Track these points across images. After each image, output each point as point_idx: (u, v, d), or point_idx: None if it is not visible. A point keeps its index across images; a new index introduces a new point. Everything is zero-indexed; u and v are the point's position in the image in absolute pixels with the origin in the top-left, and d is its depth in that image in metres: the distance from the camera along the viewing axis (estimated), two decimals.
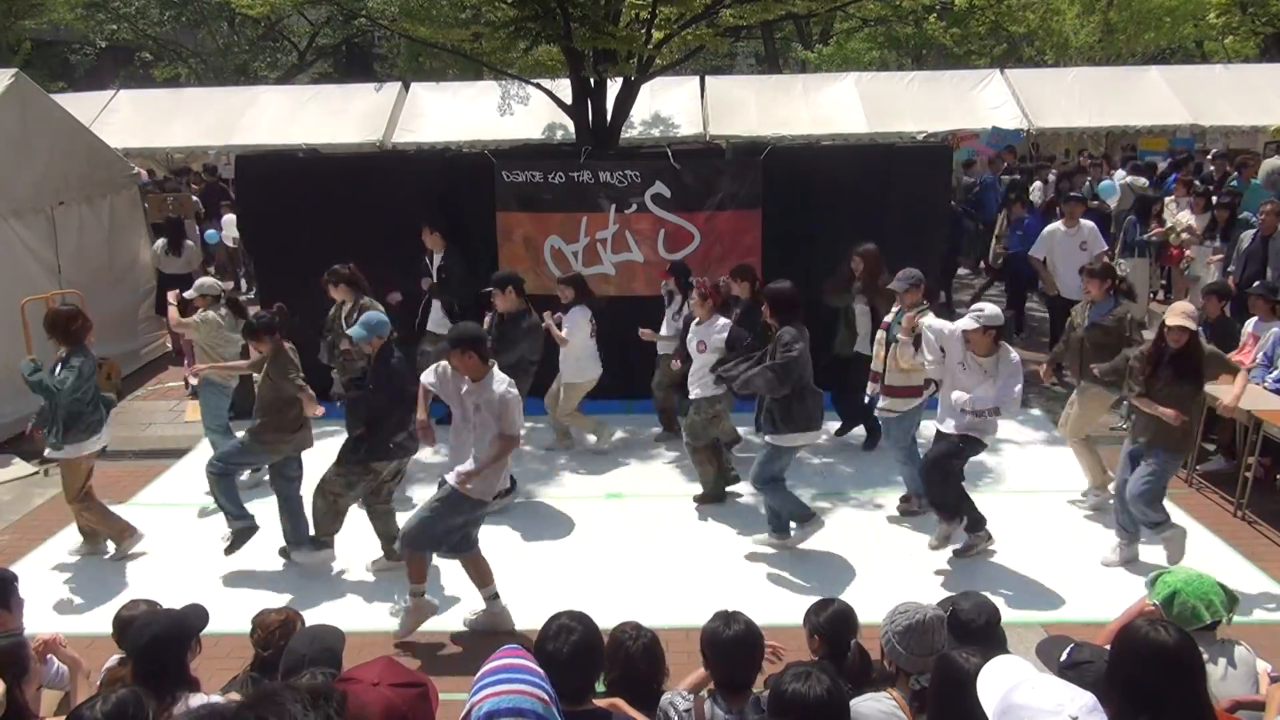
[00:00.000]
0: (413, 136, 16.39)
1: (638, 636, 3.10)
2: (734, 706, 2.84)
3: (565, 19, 9.92)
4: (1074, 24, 22.06)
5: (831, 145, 14.03)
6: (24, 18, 22.73)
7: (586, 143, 10.61)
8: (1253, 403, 6.30)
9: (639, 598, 5.37)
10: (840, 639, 3.24)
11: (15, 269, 8.20)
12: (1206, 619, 3.04)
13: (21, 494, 7.16)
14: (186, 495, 7.08)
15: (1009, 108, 16.30)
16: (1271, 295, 7.12)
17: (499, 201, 8.22)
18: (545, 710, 2.18)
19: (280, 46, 27.79)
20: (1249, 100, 16.27)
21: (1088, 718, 1.97)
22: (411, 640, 5.04)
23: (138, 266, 10.36)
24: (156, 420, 8.66)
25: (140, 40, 24.91)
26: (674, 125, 16.35)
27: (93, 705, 2.48)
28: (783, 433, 5.59)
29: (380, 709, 1.96)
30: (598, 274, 8.10)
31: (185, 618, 3.14)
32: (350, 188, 8.37)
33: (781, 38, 26.63)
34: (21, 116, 8.45)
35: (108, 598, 5.38)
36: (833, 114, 16.47)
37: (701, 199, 8.19)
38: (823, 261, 7.63)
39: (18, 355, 7.71)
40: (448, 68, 22.10)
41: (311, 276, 7.08)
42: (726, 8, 11.08)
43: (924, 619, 2.84)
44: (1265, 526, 6.18)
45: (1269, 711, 2.82)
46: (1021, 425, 8.01)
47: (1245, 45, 22.56)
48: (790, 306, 5.61)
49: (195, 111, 17.09)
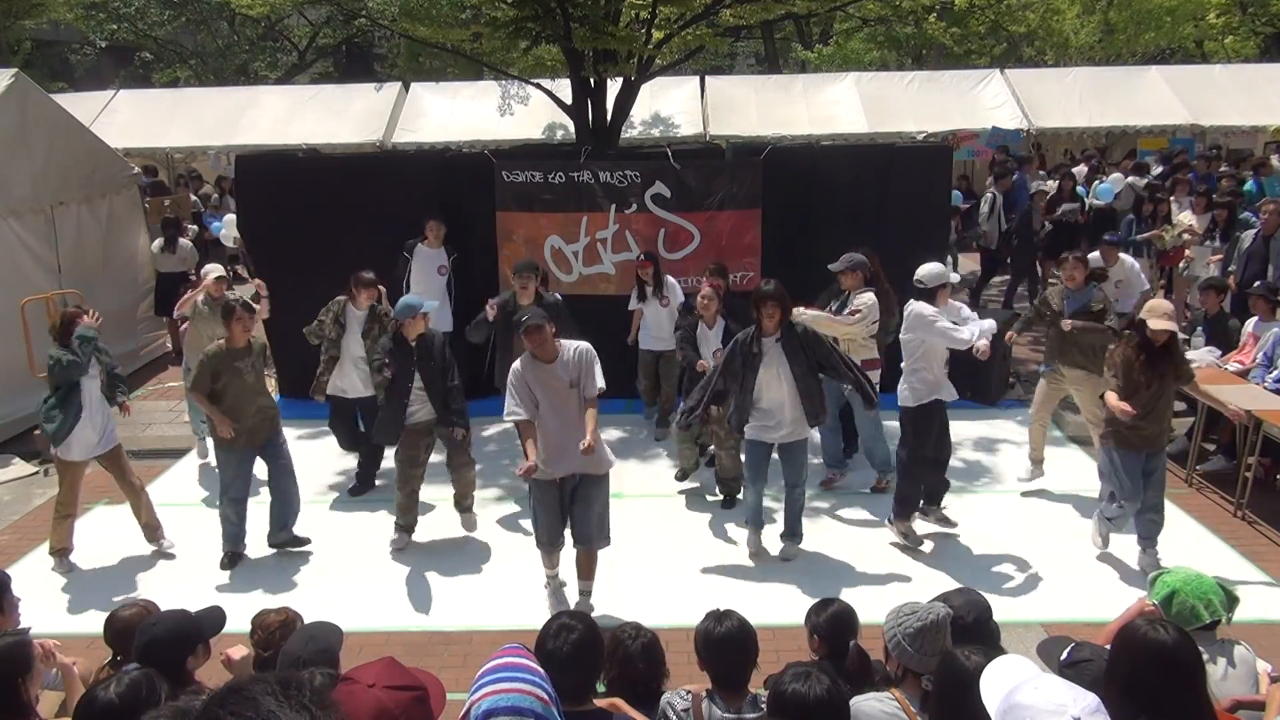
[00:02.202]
0: (413, 136, 16.38)
1: (637, 636, 3.09)
2: (732, 705, 2.84)
3: (565, 19, 9.91)
4: (1074, 24, 22.06)
5: (831, 145, 14.03)
6: (24, 18, 22.68)
7: (586, 143, 10.60)
8: (1253, 402, 6.31)
9: (639, 598, 5.38)
10: (839, 639, 3.23)
11: (15, 269, 8.20)
12: (1206, 619, 3.04)
13: (21, 494, 7.16)
14: (186, 495, 7.09)
15: (1009, 108, 16.29)
16: (1272, 295, 7.12)
17: (499, 201, 8.22)
18: (544, 709, 2.18)
19: (280, 46, 27.77)
20: (1249, 100, 16.26)
21: (1090, 718, 1.97)
22: (412, 640, 5.05)
23: (137, 266, 10.36)
24: (156, 420, 8.66)
25: (140, 40, 24.88)
26: (674, 125, 16.34)
27: (107, 687, 2.48)
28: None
29: (370, 711, 1.94)
30: (598, 274, 8.11)
31: (191, 621, 3.12)
32: (350, 188, 8.37)
33: (781, 38, 26.61)
34: (21, 116, 8.44)
35: (107, 598, 5.38)
36: (833, 114, 16.46)
37: (701, 199, 8.19)
38: (823, 261, 7.63)
39: (18, 355, 7.75)
40: (448, 68, 22.09)
41: (311, 276, 7.09)
42: (726, 8, 11.07)
43: (937, 619, 2.82)
44: (1265, 526, 6.18)
45: (1269, 711, 2.82)
46: (1021, 425, 7.99)
47: (1245, 45, 22.56)
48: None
49: (195, 111, 17.08)
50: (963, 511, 6.46)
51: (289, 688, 1.48)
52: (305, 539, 6.06)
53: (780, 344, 5.45)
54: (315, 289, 7.22)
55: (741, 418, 5.59)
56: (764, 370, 5.46)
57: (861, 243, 7.33)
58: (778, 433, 5.59)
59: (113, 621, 3.41)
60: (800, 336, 5.48)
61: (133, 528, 6.09)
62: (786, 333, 5.45)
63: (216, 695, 1.51)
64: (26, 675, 2.83)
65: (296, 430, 7.20)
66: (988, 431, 7.88)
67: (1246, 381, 6.86)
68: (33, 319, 7.78)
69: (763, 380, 5.49)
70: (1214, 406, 6.18)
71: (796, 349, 5.44)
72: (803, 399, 5.48)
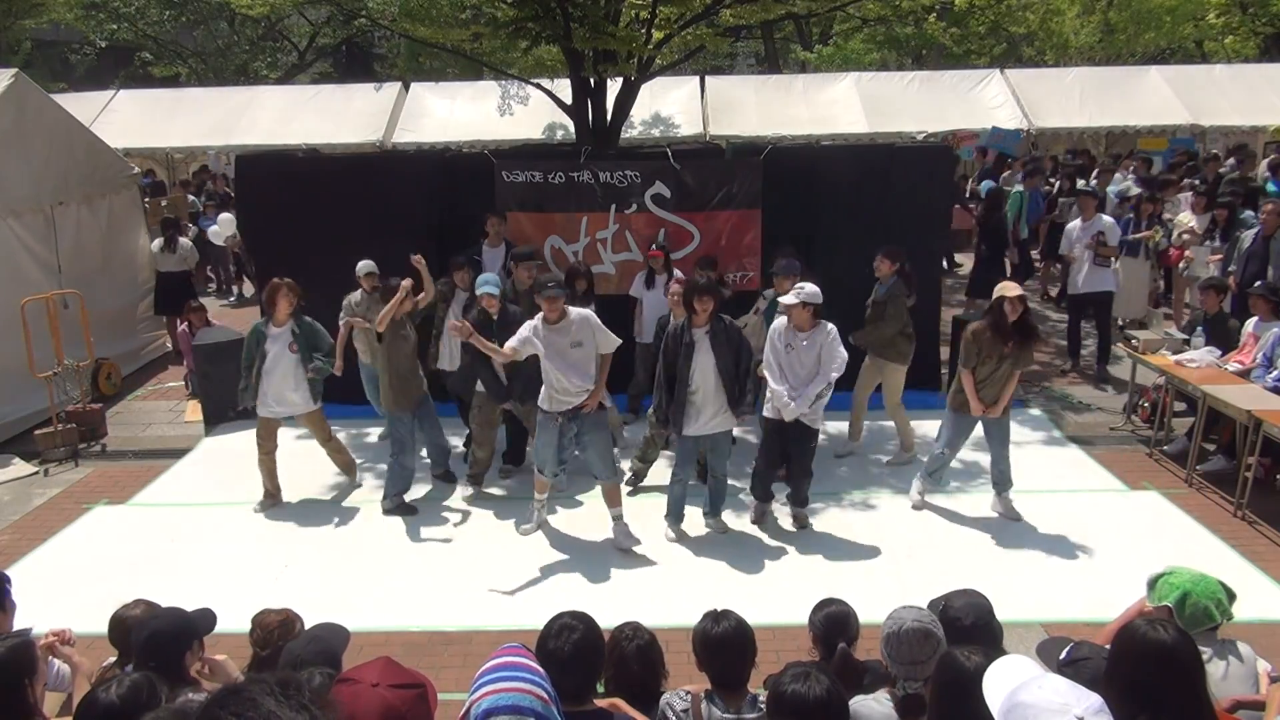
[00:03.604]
0: (413, 136, 16.38)
1: (634, 637, 3.09)
2: (731, 706, 2.84)
3: (565, 19, 9.91)
4: (1074, 24, 22.04)
5: (831, 145, 14.04)
6: (24, 18, 22.67)
7: (586, 143, 10.60)
8: (1252, 402, 6.31)
9: (639, 597, 5.38)
10: (830, 640, 3.22)
11: (15, 269, 8.20)
12: (1217, 618, 3.03)
13: (21, 494, 7.16)
14: (186, 495, 7.08)
15: (1009, 108, 16.30)
16: (1272, 295, 7.11)
17: (499, 201, 8.21)
18: (544, 708, 2.18)
19: (280, 46, 27.75)
20: (1249, 100, 16.26)
21: (1094, 718, 1.96)
22: (412, 640, 5.05)
23: (137, 266, 10.36)
24: (156, 420, 8.66)
25: (140, 40, 24.85)
26: (674, 125, 16.35)
27: (108, 689, 2.48)
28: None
29: (378, 710, 1.96)
30: (598, 273, 8.10)
31: (188, 618, 3.13)
32: (350, 188, 8.37)
33: (781, 38, 26.61)
34: (21, 116, 8.44)
35: (107, 598, 5.36)
36: (833, 114, 16.46)
37: (701, 199, 8.20)
38: (823, 262, 7.64)
39: (18, 355, 7.75)
40: (448, 68, 22.10)
41: (311, 276, 7.08)
42: (726, 8, 11.07)
43: (899, 630, 2.79)
44: (1265, 526, 6.18)
45: (1269, 711, 2.82)
46: (1020, 425, 8.00)
47: (1245, 45, 22.54)
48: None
49: (195, 111, 17.08)
50: (962, 511, 6.47)
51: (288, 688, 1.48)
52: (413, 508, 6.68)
53: (708, 335, 5.79)
54: (315, 289, 7.22)
55: (679, 412, 5.86)
56: (695, 359, 5.80)
57: (862, 242, 7.36)
58: (703, 423, 5.91)
59: (119, 621, 3.40)
60: (726, 331, 5.84)
61: (133, 528, 6.08)
62: (714, 326, 5.81)
63: (216, 696, 1.51)
64: (32, 677, 2.83)
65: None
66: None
67: (1247, 381, 6.85)
68: (33, 319, 7.78)
69: (695, 368, 5.81)
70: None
71: (722, 343, 5.79)
72: (726, 389, 5.83)
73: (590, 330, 5.82)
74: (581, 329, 5.79)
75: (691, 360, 5.78)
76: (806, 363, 5.89)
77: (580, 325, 5.79)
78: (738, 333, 5.94)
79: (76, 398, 8.23)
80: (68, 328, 8.21)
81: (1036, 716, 1.98)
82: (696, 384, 5.81)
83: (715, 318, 5.81)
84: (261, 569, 5.87)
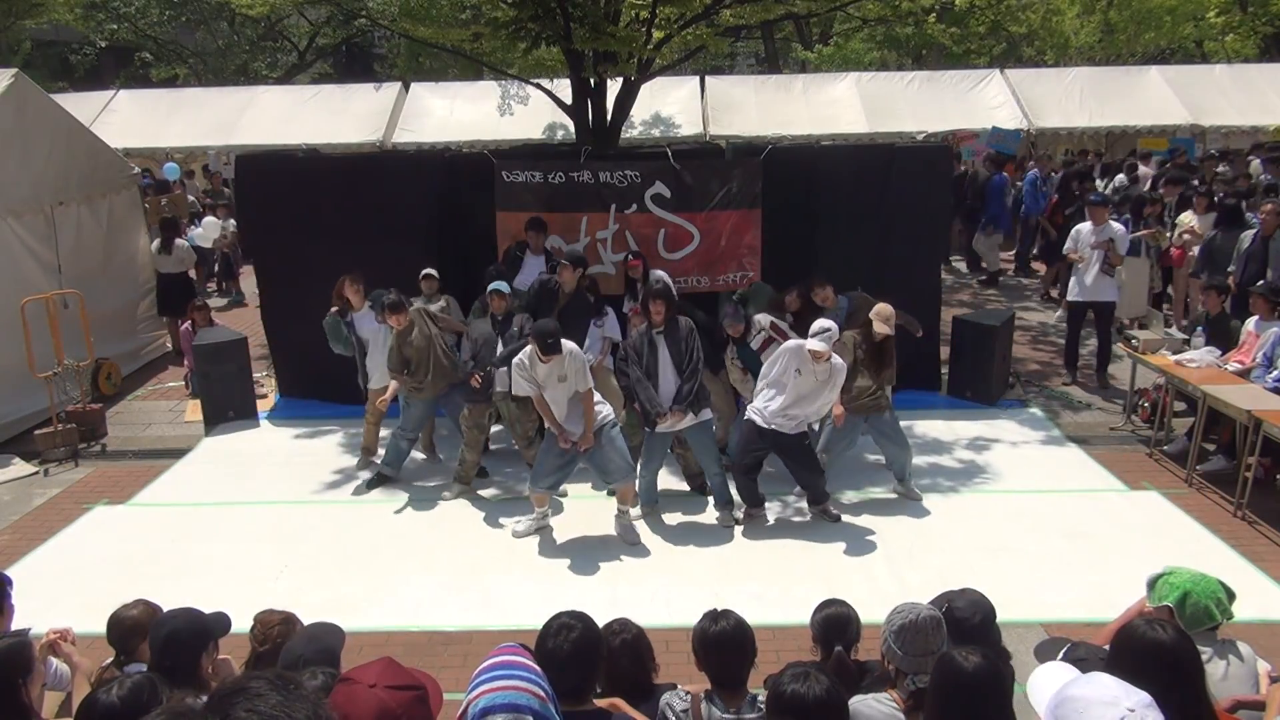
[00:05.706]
0: (413, 136, 16.40)
1: (620, 631, 3.10)
2: (731, 706, 2.84)
3: (565, 19, 9.91)
4: (1074, 24, 22.06)
5: (831, 145, 14.03)
6: (24, 18, 22.67)
7: (586, 143, 10.59)
8: (1252, 402, 6.31)
9: (639, 597, 5.38)
10: (828, 641, 3.22)
11: (15, 269, 8.20)
12: (1218, 618, 3.03)
13: (21, 494, 7.15)
14: (186, 495, 7.08)
15: (1009, 108, 16.31)
16: (1272, 295, 7.11)
17: (499, 201, 8.21)
18: (542, 707, 2.18)
19: (280, 46, 27.75)
20: (1249, 100, 16.28)
21: (1145, 712, 1.98)
22: (411, 640, 5.05)
23: (137, 266, 10.36)
24: (156, 420, 8.66)
25: (140, 40, 24.87)
26: (674, 125, 16.36)
27: (109, 690, 2.48)
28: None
29: (373, 711, 1.95)
30: (599, 274, 8.10)
31: (206, 621, 3.11)
32: (350, 188, 8.36)
33: (781, 38, 26.63)
34: (21, 116, 8.44)
35: (107, 598, 5.36)
36: (833, 114, 16.48)
37: (701, 199, 8.19)
38: (822, 261, 7.63)
39: (18, 355, 7.75)
40: (448, 68, 22.12)
41: (310, 276, 7.08)
42: (726, 8, 11.07)
43: (917, 619, 2.82)
44: (1265, 526, 6.18)
45: (1269, 711, 2.82)
46: (1020, 425, 8.02)
47: (1245, 45, 22.56)
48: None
49: (195, 111, 17.11)
50: (962, 511, 6.47)
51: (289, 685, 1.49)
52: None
53: (663, 336, 6.13)
54: (314, 288, 7.23)
55: (651, 408, 6.06)
56: (659, 357, 6.13)
57: (861, 242, 7.36)
58: (670, 420, 6.12)
59: (118, 622, 3.39)
60: (681, 330, 6.15)
61: (132, 528, 6.08)
62: (669, 327, 6.15)
63: (218, 692, 1.51)
64: (27, 676, 2.83)
65: (295, 429, 7.20)
66: (986, 431, 7.88)
67: (1246, 381, 6.85)
68: (33, 319, 7.78)
69: (659, 366, 6.12)
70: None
71: (678, 341, 6.13)
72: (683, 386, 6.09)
73: (575, 366, 5.84)
74: (570, 363, 5.82)
75: (657, 358, 6.13)
76: (812, 387, 5.99)
77: (569, 359, 5.82)
78: (690, 332, 6.20)
79: (76, 398, 8.23)
80: (68, 328, 8.21)
81: (1087, 708, 2.02)
82: (658, 381, 6.12)
83: (670, 320, 6.13)
84: (261, 569, 5.86)
